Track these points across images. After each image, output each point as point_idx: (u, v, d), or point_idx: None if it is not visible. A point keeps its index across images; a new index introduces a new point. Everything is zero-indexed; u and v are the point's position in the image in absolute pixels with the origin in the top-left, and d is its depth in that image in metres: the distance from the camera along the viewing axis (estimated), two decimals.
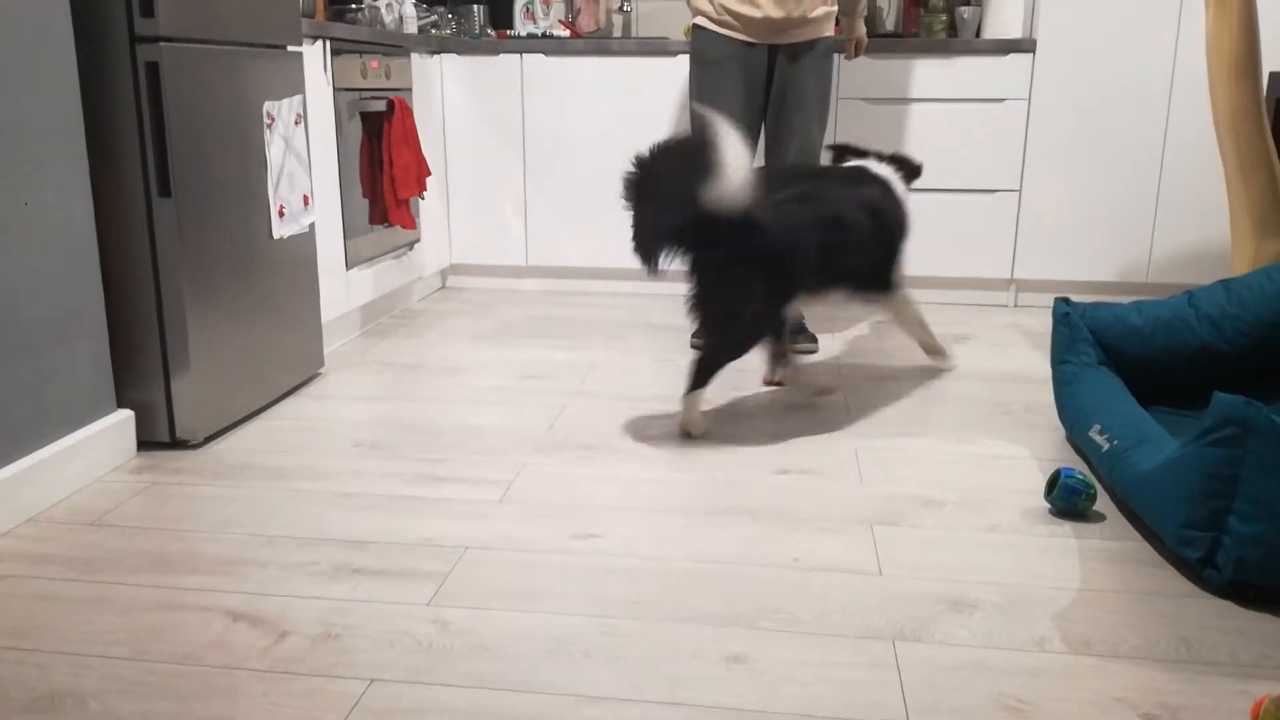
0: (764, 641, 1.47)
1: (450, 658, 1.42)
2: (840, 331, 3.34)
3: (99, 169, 2.09)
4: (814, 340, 3.10)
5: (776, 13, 2.85)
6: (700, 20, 2.98)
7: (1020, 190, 3.62)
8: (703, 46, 2.99)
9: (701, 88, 3.01)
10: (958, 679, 1.37)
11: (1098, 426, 2.01)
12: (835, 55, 3.04)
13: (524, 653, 1.44)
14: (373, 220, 3.25)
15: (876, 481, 2.06)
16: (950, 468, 2.14)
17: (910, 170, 2.74)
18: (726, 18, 2.92)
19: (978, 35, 3.85)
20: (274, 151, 2.47)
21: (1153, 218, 3.59)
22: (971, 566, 1.70)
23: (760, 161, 3.24)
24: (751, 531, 1.83)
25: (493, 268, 4.04)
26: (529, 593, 1.60)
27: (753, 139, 3.05)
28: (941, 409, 2.53)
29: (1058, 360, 2.30)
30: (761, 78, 2.97)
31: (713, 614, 1.54)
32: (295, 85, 2.57)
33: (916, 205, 3.67)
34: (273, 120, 2.46)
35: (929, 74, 3.56)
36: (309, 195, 2.64)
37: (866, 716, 1.29)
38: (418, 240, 3.63)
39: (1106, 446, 1.94)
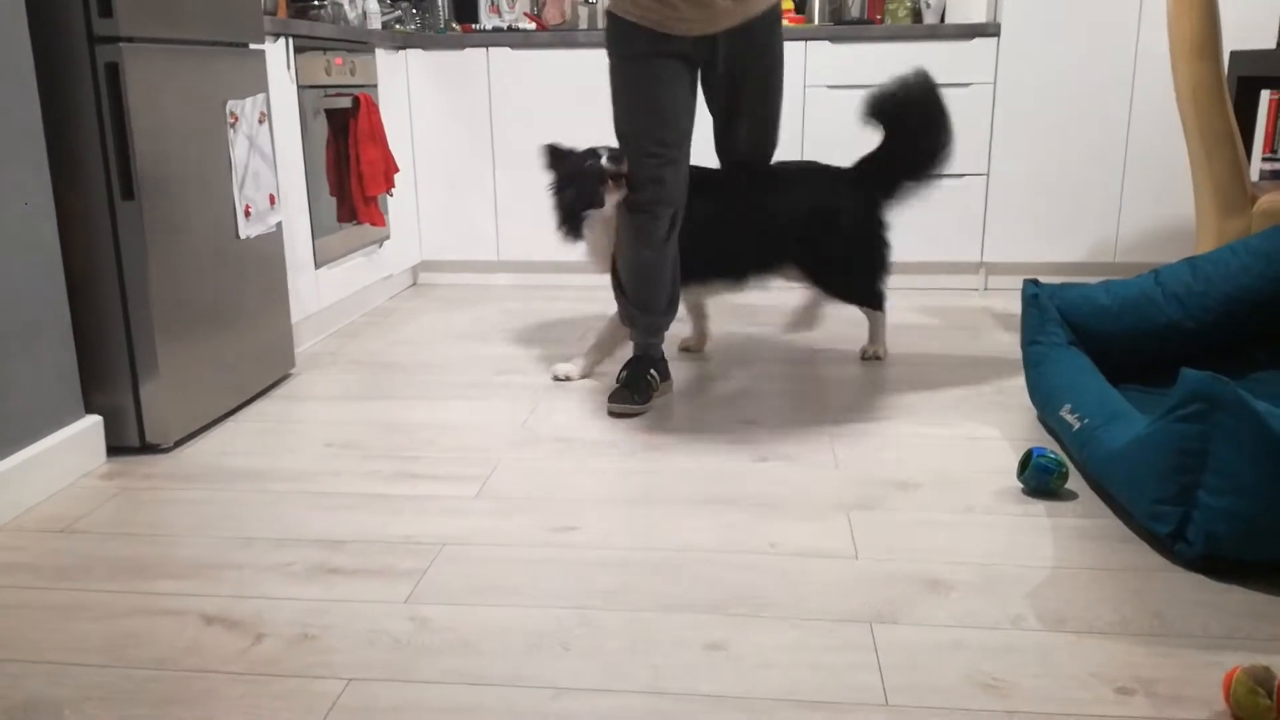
0: (743, 628, 1.47)
1: (429, 655, 1.42)
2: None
3: (60, 172, 2.06)
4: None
5: None
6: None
7: (988, 174, 3.64)
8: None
9: None
10: (935, 659, 1.38)
11: (1068, 405, 2.03)
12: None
13: (503, 648, 1.43)
14: (341, 218, 3.22)
15: (852, 466, 2.07)
16: (924, 450, 2.15)
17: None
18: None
19: (942, 20, 3.87)
20: (238, 151, 2.44)
21: (1119, 198, 3.62)
22: (947, 548, 1.71)
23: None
24: (729, 519, 1.83)
25: (464, 263, 4.02)
26: (507, 588, 1.60)
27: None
28: (914, 393, 2.55)
29: (1028, 341, 2.32)
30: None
31: (691, 602, 1.55)
32: (258, 83, 2.54)
33: None
34: (236, 119, 2.43)
35: (895, 60, 3.57)
36: (275, 194, 2.62)
37: (846, 699, 1.30)
38: (387, 238, 3.61)
39: (1077, 425, 1.96)
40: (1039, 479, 1.89)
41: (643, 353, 2.57)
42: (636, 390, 2.45)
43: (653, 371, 2.53)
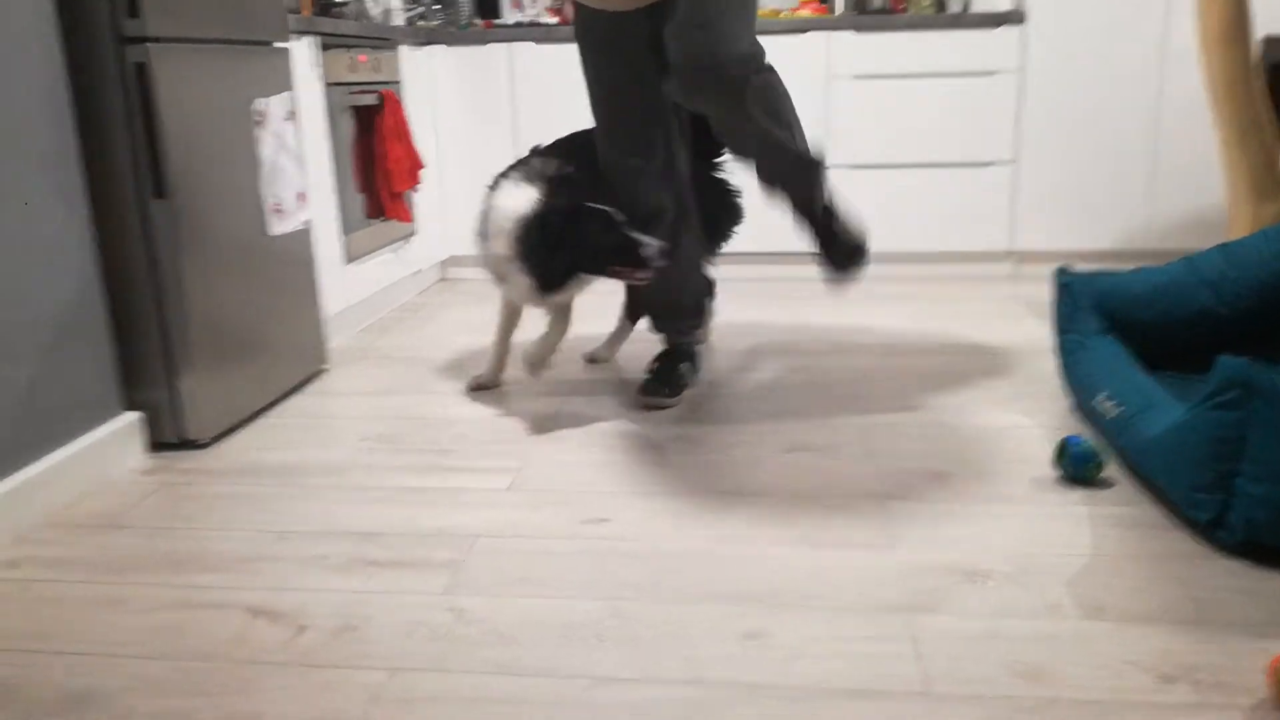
0: (778, 618, 1.47)
1: (467, 645, 1.43)
2: (839, 308, 3.35)
3: (93, 172, 2.08)
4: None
5: None
6: None
7: (1017, 162, 3.62)
8: None
9: None
10: (973, 649, 1.38)
11: (1104, 393, 2.01)
12: None
13: (539, 638, 1.44)
14: (369, 214, 3.24)
15: (884, 456, 2.07)
16: (957, 440, 2.15)
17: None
18: None
19: (966, 9, 3.84)
20: (265, 149, 2.46)
21: (1150, 184, 3.59)
22: (982, 537, 1.70)
23: None
24: (762, 510, 1.84)
25: None
26: (542, 579, 1.61)
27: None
28: (945, 382, 2.54)
29: (1061, 330, 2.30)
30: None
31: (725, 593, 1.55)
32: (284, 82, 2.56)
33: (910, 179, 3.67)
34: (263, 117, 2.45)
35: (919, 49, 3.55)
36: (303, 192, 2.64)
37: (883, 688, 1.30)
38: (415, 233, 3.63)
39: (1114, 413, 1.95)
40: (1075, 467, 1.88)
41: (673, 347, 2.55)
42: (667, 383, 2.44)
43: (684, 364, 2.51)
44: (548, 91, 3.77)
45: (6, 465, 1.82)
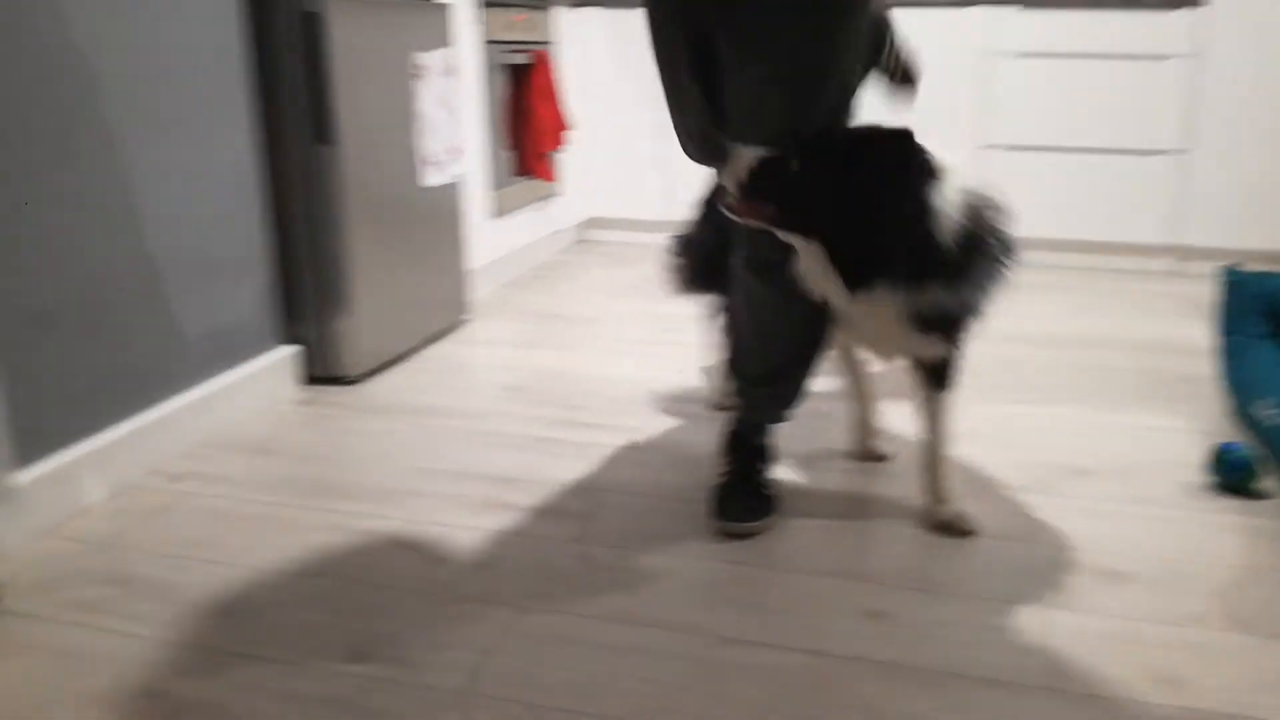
0: (904, 599, 1.46)
1: (596, 593, 1.47)
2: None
3: (264, 115, 2.18)
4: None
5: None
6: None
7: (1188, 152, 3.42)
8: None
9: None
10: (1108, 648, 1.34)
11: (1267, 399, 1.90)
12: None
13: (666, 593, 1.47)
14: (516, 172, 3.31)
15: (1024, 448, 2.01)
16: (1102, 437, 2.07)
17: None
18: None
19: None
20: (424, 102, 2.54)
21: None
22: (1123, 537, 1.64)
23: None
24: (895, 490, 1.81)
25: (630, 221, 4.07)
26: (668, 536, 1.64)
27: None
28: (1092, 377, 2.44)
29: (1225, 330, 2.18)
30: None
31: (854, 570, 1.54)
32: (444, 37, 2.63)
33: (1069, 164, 3.52)
34: (423, 71, 2.52)
35: (1088, 28, 3.39)
36: (456, 146, 2.71)
37: (1014, 679, 1.28)
38: (558, 193, 3.69)
39: (1276, 420, 1.84)
40: (1231, 475, 1.79)
41: (749, 432, 1.79)
42: (748, 497, 1.70)
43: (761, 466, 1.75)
44: None
45: (180, 385, 1.95)
